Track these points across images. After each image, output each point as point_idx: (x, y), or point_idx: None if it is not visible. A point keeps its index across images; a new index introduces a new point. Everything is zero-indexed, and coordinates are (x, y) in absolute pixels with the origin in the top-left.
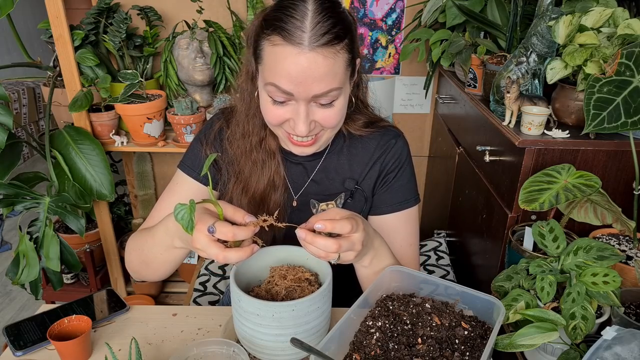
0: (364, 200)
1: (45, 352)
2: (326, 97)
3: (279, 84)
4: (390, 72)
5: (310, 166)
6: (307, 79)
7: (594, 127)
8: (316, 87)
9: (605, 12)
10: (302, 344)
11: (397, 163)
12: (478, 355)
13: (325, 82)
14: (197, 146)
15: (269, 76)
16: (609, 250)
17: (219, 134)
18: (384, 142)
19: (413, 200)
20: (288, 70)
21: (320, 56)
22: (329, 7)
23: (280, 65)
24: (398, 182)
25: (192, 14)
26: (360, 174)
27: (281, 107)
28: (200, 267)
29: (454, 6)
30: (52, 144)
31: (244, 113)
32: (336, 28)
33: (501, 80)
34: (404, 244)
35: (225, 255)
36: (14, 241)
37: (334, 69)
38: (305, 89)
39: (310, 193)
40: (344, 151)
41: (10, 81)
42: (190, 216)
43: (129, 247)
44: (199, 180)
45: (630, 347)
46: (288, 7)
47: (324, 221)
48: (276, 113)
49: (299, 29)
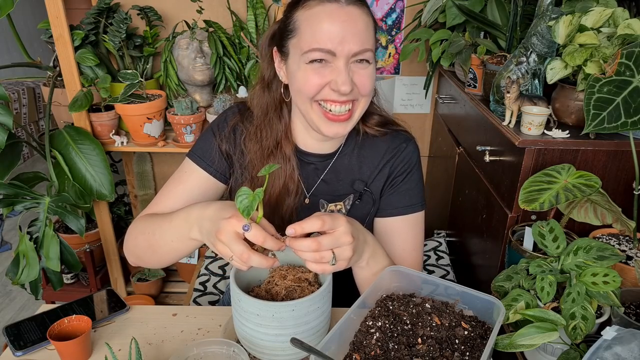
0: (372, 203)
1: (45, 352)
2: (363, 54)
3: (319, 44)
4: (390, 72)
5: (322, 166)
6: (348, 34)
7: (594, 127)
8: (355, 41)
9: (605, 12)
10: (302, 344)
11: (406, 167)
12: (478, 355)
13: (362, 37)
14: (209, 138)
15: (309, 41)
16: (609, 250)
17: (233, 130)
18: (395, 145)
19: (419, 205)
20: (329, 27)
21: (357, 10)
22: None
23: (320, 25)
24: (405, 186)
25: (192, 14)
26: (370, 176)
27: (321, 71)
28: (200, 267)
29: (454, 6)
30: (52, 144)
31: (261, 119)
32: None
33: (501, 80)
34: (407, 248)
35: (250, 255)
36: (14, 241)
37: (368, 27)
38: (346, 44)
39: (320, 193)
40: (355, 153)
41: (10, 81)
42: (251, 203)
43: (135, 230)
44: (208, 172)
45: (630, 347)
46: None
47: (293, 225)
48: (316, 80)
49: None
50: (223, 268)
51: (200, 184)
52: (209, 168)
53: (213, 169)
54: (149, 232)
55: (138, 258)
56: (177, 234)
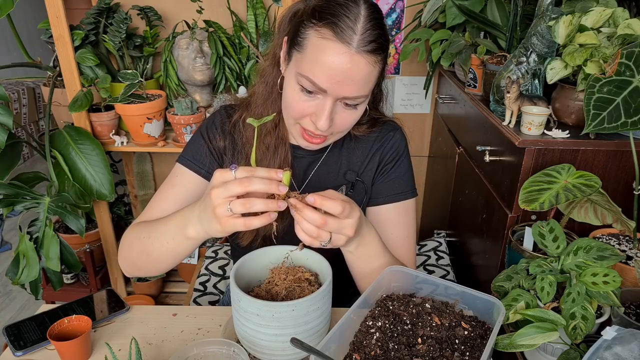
0: (364, 192)
1: (45, 352)
2: (354, 100)
3: (314, 79)
4: (390, 72)
5: (313, 160)
6: (345, 80)
7: (594, 127)
8: (349, 89)
9: (605, 12)
10: (302, 344)
11: (395, 154)
12: (478, 355)
13: (359, 86)
14: (198, 140)
15: (307, 68)
16: (609, 250)
17: (222, 128)
18: (383, 134)
19: (410, 192)
20: (330, 67)
21: (364, 60)
22: (378, 17)
23: (323, 59)
24: (395, 173)
25: (192, 14)
26: (361, 166)
27: (308, 101)
28: (201, 267)
29: (454, 6)
30: (52, 144)
31: (263, 97)
32: (381, 39)
33: (501, 80)
34: (400, 236)
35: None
36: (14, 241)
37: (370, 76)
38: (339, 88)
39: (312, 187)
40: (345, 145)
41: (10, 81)
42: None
43: (128, 237)
44: (200, 174)
45: (630, 347)
46: (342, 5)
47: (315, 195)
48: (302, 106)
49: (351, 29)
50: (223, 268)
51: (192, 187)
52: (200, 170)
53: (205, 170)
54: (145, 236)
55: (132, 265)
56: (174, 234)
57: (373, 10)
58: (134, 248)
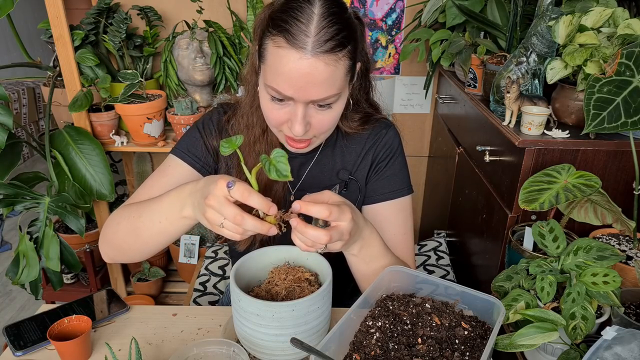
0: (358, 191)
1: (45, 352)
2: (324, 101)
3: (278, 88)
4: (390, 72)
5: (305, 160)
6: (307, 85)
7: (594, 127)
8: (315, 92)
9: (605, 12)
10: (302, 344)
11: (389, 152)
12: (478, 355)
13: (324, 88)
14: (194, 134)
15: (270, 78)
16: (609, 250)
17: (218, 126)
18: (376, 132)
19: (405, 190)
20: (289, 75)
21: (322, 63)
22: (336, 12)
23: (281, 69)
24: (389, 171)
25: (192, 14)
26: (354, 165)
27: (280, 108)
28: (200, 267)
29: (454, 6)
30: (52, 144)
31: (249, 104)
32: (340, 35)
33: (501, 80)
34: (397, 233)
35: (244, 217)
36: (14, 241)
37: (334, 76)
38: (304, 93)
39: (306, 187)
40: (338, 144)
41: (10, 81)
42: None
43: (115, 218)
44: (194, 167)
45: (630, 347)
46: (294, 9)
47: (300, 202)
48: (276, 114)
49: (304, 33)
50: (223, 268)
51: (185, 179)
52: (195, 163)
53: (199, 164)
54: (135, 216)
55: (116, 247)
56: (167, 213)
57: (330, 6)
58: (121, 228)
